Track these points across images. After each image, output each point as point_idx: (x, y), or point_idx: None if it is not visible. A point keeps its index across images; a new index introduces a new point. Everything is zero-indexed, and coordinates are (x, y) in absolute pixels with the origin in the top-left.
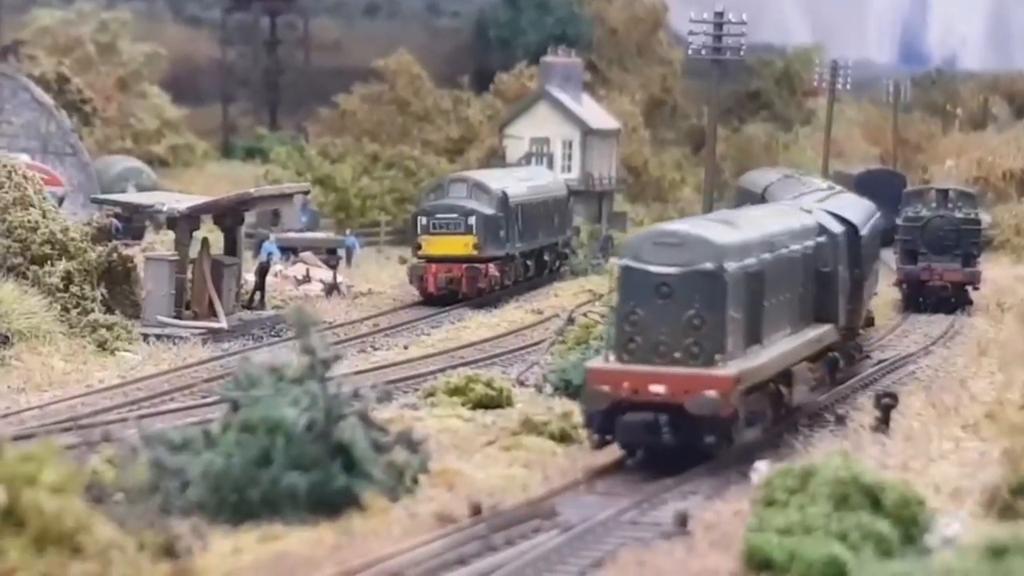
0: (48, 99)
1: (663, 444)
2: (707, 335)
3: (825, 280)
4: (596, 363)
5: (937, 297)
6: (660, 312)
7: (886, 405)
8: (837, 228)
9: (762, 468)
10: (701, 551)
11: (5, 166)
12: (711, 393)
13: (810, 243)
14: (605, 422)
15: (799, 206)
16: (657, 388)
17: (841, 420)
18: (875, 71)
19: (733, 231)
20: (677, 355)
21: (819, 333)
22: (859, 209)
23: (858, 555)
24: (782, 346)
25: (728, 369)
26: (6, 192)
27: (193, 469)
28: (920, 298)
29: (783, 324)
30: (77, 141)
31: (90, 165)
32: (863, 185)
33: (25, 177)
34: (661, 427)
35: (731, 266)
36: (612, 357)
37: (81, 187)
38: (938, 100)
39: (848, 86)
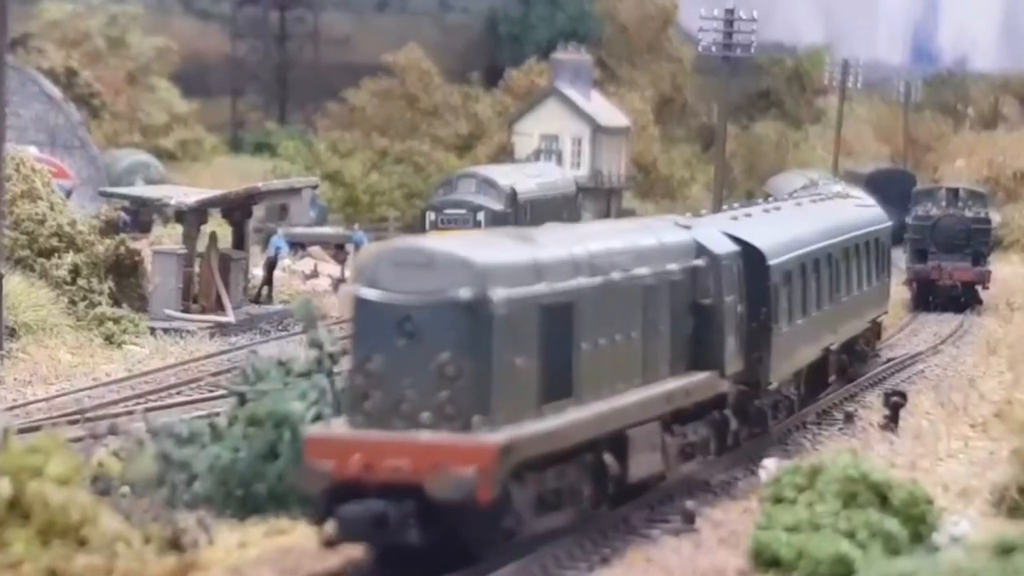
0: (57, 92)
1: (405, 543)
2: (464, 389)
3: (705, 315)
4: (318, 430)
5: (947, 296)
6: (403, 358)
7: (895, 404)
8: (724, 250)
9: (770, 466)
10: (709, 548)
11: (13, 159)
12: (462, 470)
13: (675, 267)
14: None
15: (676, 221)
16: (396, 463)
17: (850, 418)
18: (886, 70)
19: (517, 248)
20: (425, 417)
21: (690, 384)
22: (807, 228)
23: (866, 553)
24: (613, 402)
25: (490, 436)
26: (14, 185)
27: (200, 463)
28: (930, 297)
29: (622, 372)
30: (85, 134)
31: (98, 158)
32: (873, 184)
33: (33, 170)
34: (396, 520)
35: (501, 294)
36: (343, 421)
37: (89, 180)
38: (949, 100)
39: (859, 85)
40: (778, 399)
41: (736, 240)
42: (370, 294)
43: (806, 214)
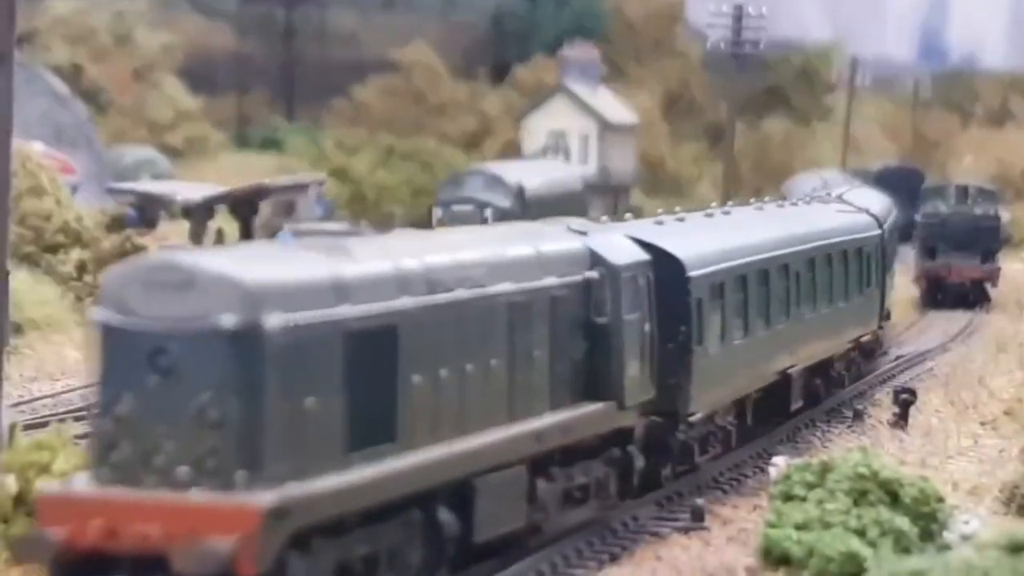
0: (63, 88)
1: None
2: (230, 438)
3: (600, 336)
4: (53, 487)
5: (956, 293)
6: (157, 399)
7: (905, 401)
8: (626, 259)
9: (780, 463)
10: (718, 546)
11: (20, 154)
12: (216, 540)
13: (557, 280)
14: None
15: (570, 226)
16: (144, 529)
17: (859, 416)
18: (894, 68)
19: (312, 263)
20: (182, 472)
21: (574, 418)
22: (755, 235)
23: (876, 551)
24: (456, 445)
25: (257, 496)
26: (20, 181)
27: None
28: (938, 294)
29: (475, 408)
30: (91, 130)
31: (104, 154)
32: (882, 181)
33: (39, 165)
34: None
35: (277, 321)
36: (87, 476)
37: (95, 176)
38: (957, 97)
39: (867, 82)
40: (709, 431)
41: (650, 248)
42: (116, 320)
43: (761, 220)
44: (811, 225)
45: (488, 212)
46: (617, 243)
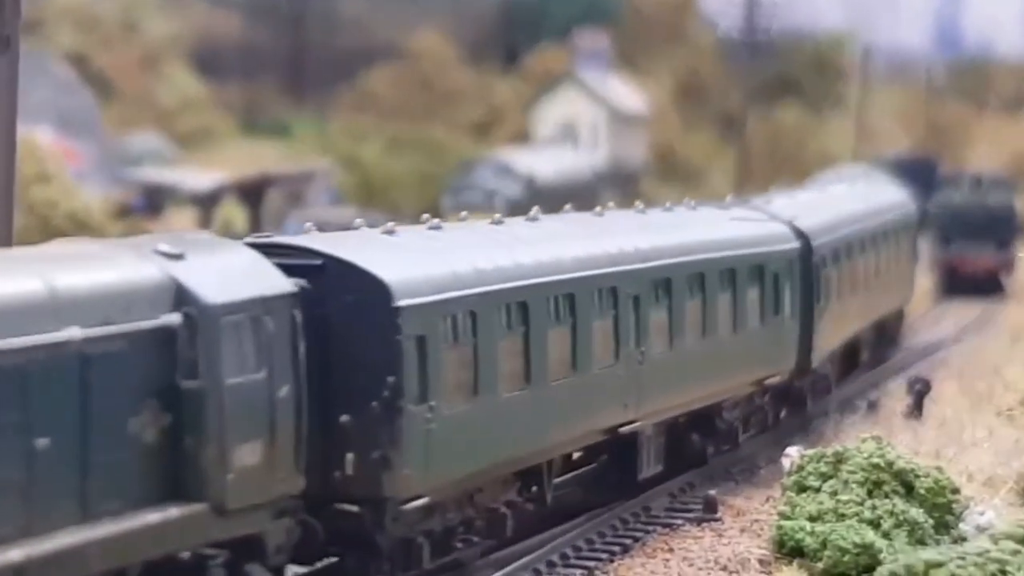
0: (70, 76)
1: None
2: None
3: (184, 409)
4: None
5: (969, 283)
6: None
7: (919, 392)
8: (235, 295)
9: (793, 454)
10: (731, 537)
11: (26, 142)
12: None
13: (83, 332)
14: None
15: (159, 247)
16: None
17: (873, 406)
18: (908, 56)
19: None
20: None
21: (110, 536)
22: (553, 251)
23: (891, 542)
24: None
25: None
26: (26, 168)
27: None
28: (952, 284)
29: None
30: (98, 118)
31: (111, 142)
32: (895, 171)
33: (46, 153)
34: None
35: None
36: None
37: (102, 164)
38: (971, 86)
39: (880, 70)
40: (454, 521)
41: (336, 267)
42: None
43: (579, 232)
44: (668, 238)
45: (497, 201)
46: (238, 269)
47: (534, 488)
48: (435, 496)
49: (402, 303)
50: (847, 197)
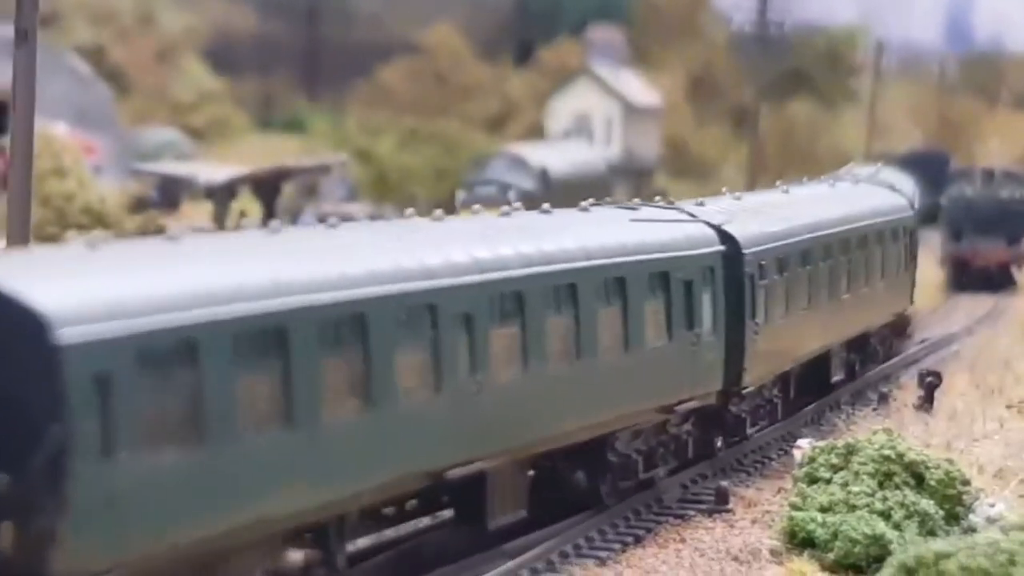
0: (86, 69)
1: None
2: None
3: None
4: None
5: (981, 277)
6: None
7: (930, 384)
8: None
9: (804, 445)
10: (742, 527)
11: (42, 136)
12: None
13: None
14: None
15: None
16: None
17: (884, 398)
18: (920, 50)
19: None
20: None
21: None
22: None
23: (902, 533)
24: None
25: None
26: (42, 162)
27: None
28: (964, 278)
29: None
30: (114, 112)
31: (127, 136)
32: (907, 166)
33: (62, 146)
34: None
35: None
36: None
37: (118, 157)
38: (983, 80)
39: (893, 65)
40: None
41: None
42: None
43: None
44: (523, 245)
45: (511, 194)
46: None
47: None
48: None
49: (66, 337)
50: (814, 200)
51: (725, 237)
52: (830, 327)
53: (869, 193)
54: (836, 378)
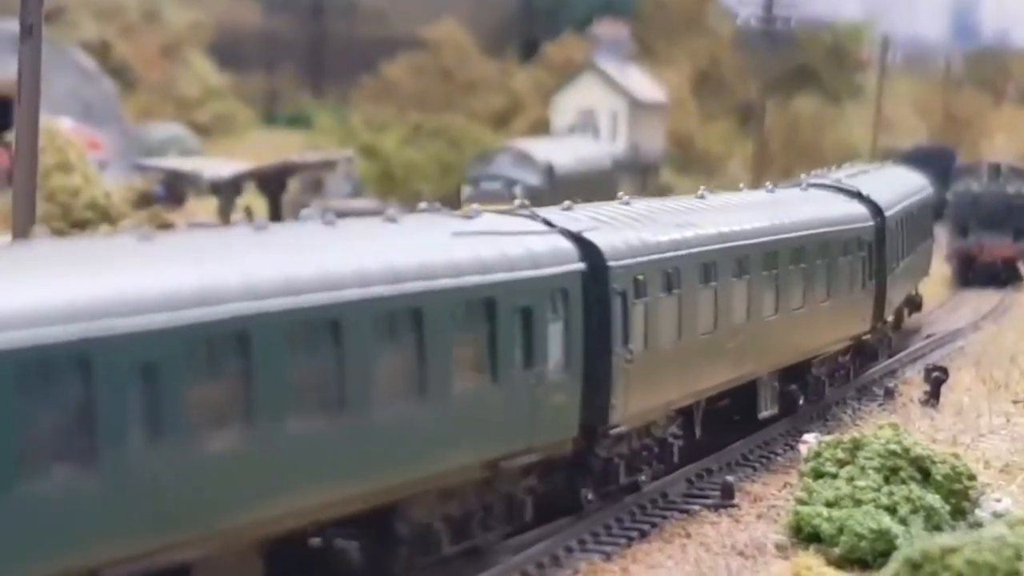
0: (91, 65)
1: None
2: None
3: None
4: None
5: (987, 272)
6: None
7: (936, 379)
8: None
9: (810, 440)
10: (748, 523)
11: (47, 131)
12: None
13: None
14: None
15: None
16: None
17: (890, 394)
18: (926, 46)
19: None
20: None
21: None
22: None
23: (908, 528)
24: None
25: None
26: (48, 157)
27: None
28: (970, 273)
29: None
30: (119, 107)
31: (132, 131)
32: (913, 161)
33: (67, 142)
34: None
35: None
36: None
37: (123, 153)
38: (989, 75)
39: (898, 61)
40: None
41: None
42: None
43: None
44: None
45: (517, 190)
46: None
47: None
48: None
49: None
50: (734, 208)
51: (588, 249)
52: (748, 354)
53: (818, 200)
54: (765, 413)
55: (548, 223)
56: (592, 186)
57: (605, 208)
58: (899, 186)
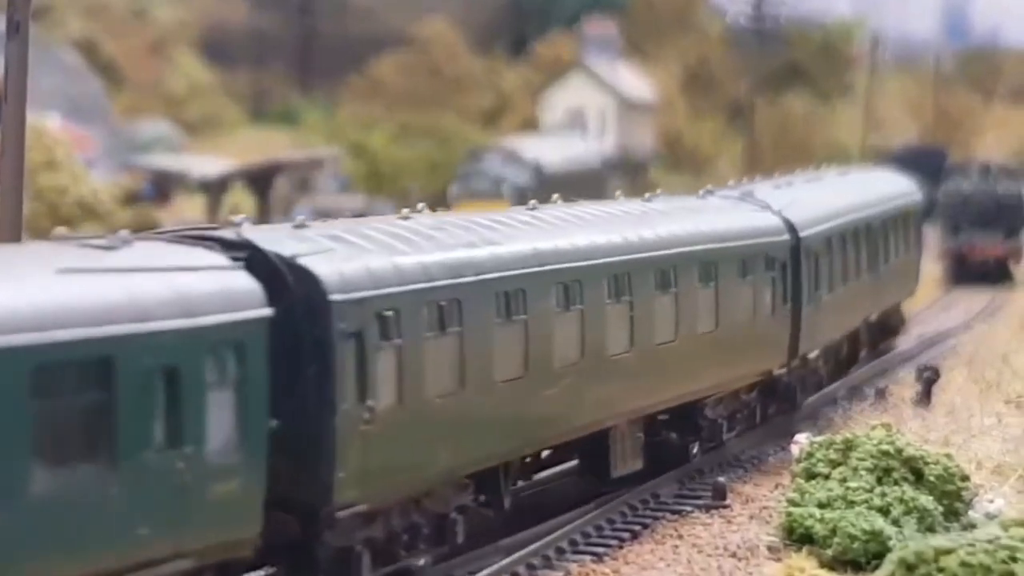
0: (78, 63)
1: None
2: None
3: None
4: None
5: (978, 271)
6: None
7: (928, 379)
8: None
9: (802, 440)
10: (740, 523)
11: (35, 129)
12: None
13: None
14: None
15: None
16: None
17: (882, 394)
18: (917, 45)
19: None
20: None
21: None
22: None
23: (900, 529)
24: None
25: None
26: (35, 155)
27: None
28: (961, 272)
29: None
30: (107, 105)
31: (120, 129)
32: (903, 161)
33: (55, 140)
34: None
35: None
36: None
37: (111, 151)
38: (980, 74)
39: (888, 59)
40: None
41: None
42: None
43: None
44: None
45: (505, 188)
46: None
47: None
48: None
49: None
50: (571, 222)
51: (303, 279)
52: (584, 402)
53: (712, 211)
54: (620, 472)
55: (246, 245)
56: (581, 184)
57: (366, 225)
58: (853, 194)
